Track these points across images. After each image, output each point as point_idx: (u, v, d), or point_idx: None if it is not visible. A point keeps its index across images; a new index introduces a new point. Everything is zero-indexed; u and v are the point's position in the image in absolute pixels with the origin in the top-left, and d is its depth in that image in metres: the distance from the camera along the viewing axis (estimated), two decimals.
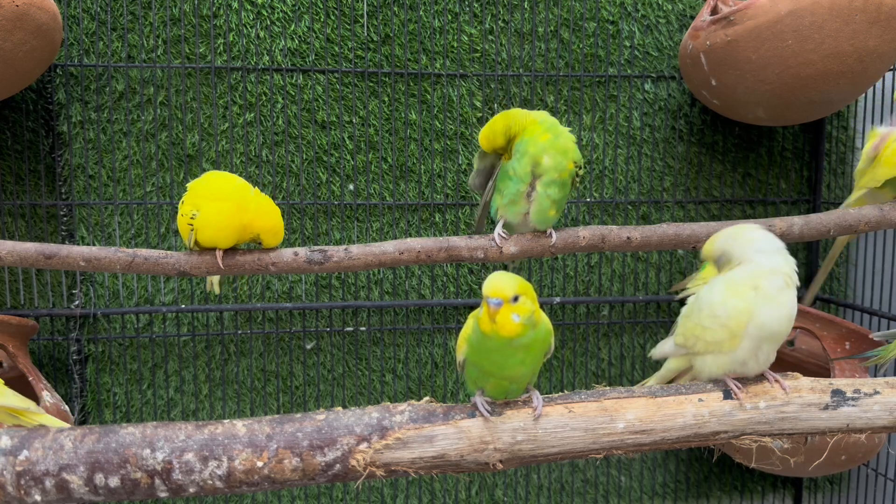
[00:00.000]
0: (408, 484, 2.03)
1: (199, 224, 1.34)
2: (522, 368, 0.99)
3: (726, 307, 1.02)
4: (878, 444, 1.71)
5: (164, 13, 1.83)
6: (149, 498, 0.97)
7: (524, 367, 0.99)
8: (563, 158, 1.35)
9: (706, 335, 1.05)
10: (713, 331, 1.03)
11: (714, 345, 1.04)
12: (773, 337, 1.02)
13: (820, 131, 2.08)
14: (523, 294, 0.94)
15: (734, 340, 1.01)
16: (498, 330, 0.94)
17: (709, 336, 1.04)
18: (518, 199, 1.38)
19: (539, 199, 1.37)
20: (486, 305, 0.94)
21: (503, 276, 0.95)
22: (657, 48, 2.01)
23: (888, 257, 1.98)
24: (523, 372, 1.00)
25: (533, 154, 1.35)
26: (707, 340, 1.05)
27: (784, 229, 1.50)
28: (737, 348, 1.02)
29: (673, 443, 1.03)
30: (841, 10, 1.57)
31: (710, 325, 1.04)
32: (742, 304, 1.01)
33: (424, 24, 1.92)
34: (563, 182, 1.37)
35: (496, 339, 0.95)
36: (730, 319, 1.01)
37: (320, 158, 1.92)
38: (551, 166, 1.35)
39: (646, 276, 2.07)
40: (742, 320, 1.00)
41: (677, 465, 2.14)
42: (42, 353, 1.89)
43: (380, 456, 0.98)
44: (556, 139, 1.35)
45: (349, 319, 1.98)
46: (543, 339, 0.99)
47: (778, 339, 1.03)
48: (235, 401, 1.95)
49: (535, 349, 0.99)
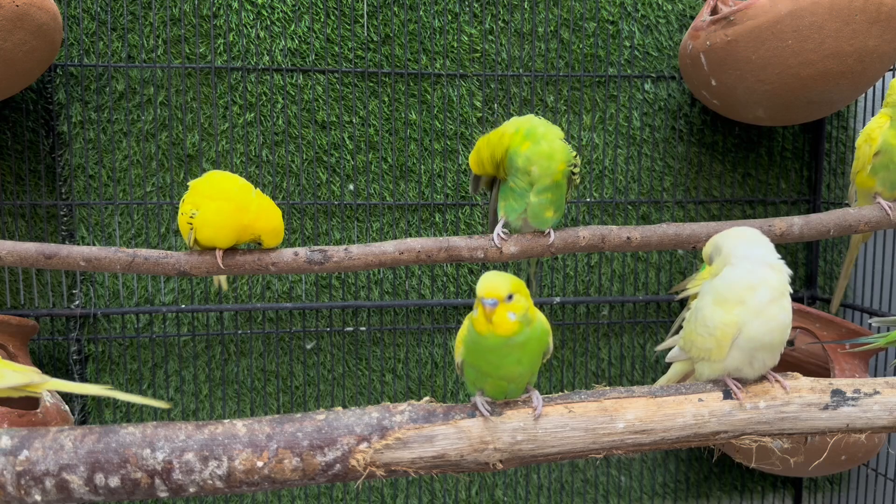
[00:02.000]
0: (408, 484, 2.03)
1: (198, 223, 1.34)
2: (519, 368, 0.99)
3: (714, 318, 1.02)
4: (878, 444, 1.71)
5: (164, 13, 1.83)
6: (149, 498, 0.97)
7: (521, 366, 0.99)
8: (549, 162, 1.34)
9: (698, 342, 1.06)
10: (703, 339, 1.04)
11: (705, 352, 1.05)
12: (767, 347, 1.01)
13: (820, 131, 2.08)
14: (517, 292, 0.95)
15: (721, 350, 1.02)
16: (495, 329, 0.94)
17: (700, 343, 1.05)
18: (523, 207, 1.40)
19: (532, 206, 1.38)
20: (480, 306, 0.94)
21: (496, 276, 0.95)
22: (657, 48, 2.01)
23: (888, 257, 1.98)
24: (521, 371, 1.00)
25: (522, 167, 1.35)
26: (699, 347, 1.06)
27: (784, 229, 1.50)
28: (725, 357, 1.02)
29: (673, 443, 1.03)
30: (841, 10, 1.57)
31: (701, 332, 1.05)
32: (727, 317, 1.00)
33: (424, 24, 1.92)
34: (556, 184, 1.37)
35: (492, 339, 0.96)
36: (716, 330, 1.01)
37: (320, 158, 1.92)
38: (539, 174, 1.35)
39: (646, 276, 2.07)
40: (727, 332, 1.00)
41: (677, 465, 2.14)
42: (42, 353, 1.89)
43: (380, 456, 0.98)
44: (538, 145, 1.34)
45: (349, 319, 1.98)
46: (540, 338, 0.99)
47: (773, 347, 1.02)
48: (235, 401, 1.95)
49: (532, 347, 0.99)
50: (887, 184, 1.54)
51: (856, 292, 2.13)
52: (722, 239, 1.10)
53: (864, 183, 1.58)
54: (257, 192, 1.38)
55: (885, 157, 1.52)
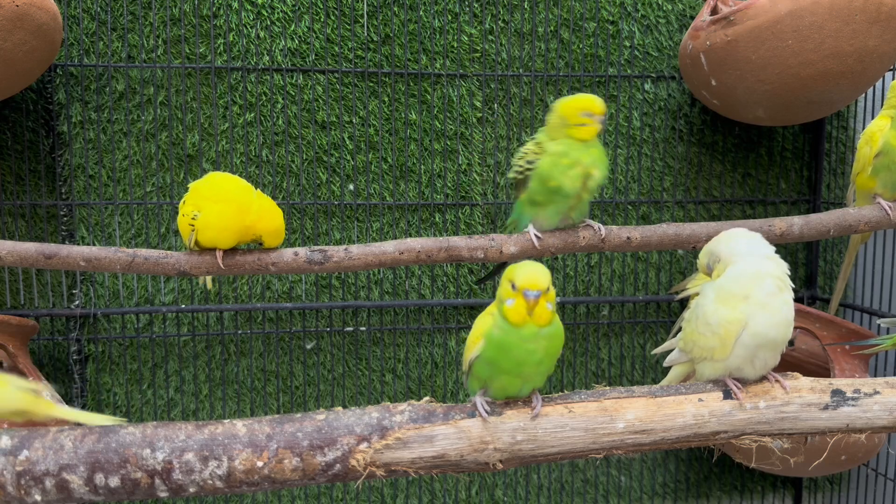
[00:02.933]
0: (408, 484, 2.03)
1: (200, 225, 1.33)
2: (540, 367, 1.00)
3: (717, 316, 1.01)
4: (878, 444, 1.71)
5: (164, 13, 1.83)
6: (149, 498, 0.97)
7: (542, 365, 0.99)
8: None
9: (700, 341, 1.05)
10: (706, 338, 1.04)
11: (708, 351, 1.04)
12: (770, 344, 1.01)
13: (820, 131, 2.08)
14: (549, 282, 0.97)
15: (725, 349, 1.01)
16: (535, 320, 0.95)
17: (702, 342, 1.05)
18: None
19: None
20: (520, 297, 0.95)
21: (536, 267, 0.96)
22: (657, 48, 2.01)
23: (888, 257, 1.98)
24: (540, 371, 1.00)
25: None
26: (701, 346, 1.05)
27: (784, 229, 1.50)
28: (728, 356, 1.02)
29: (673, 443, 1.03)
30: (841, 10, 1.57)
31: (703, 331, 1.04)
32: (732, 314, 1.00)
33: (424, 24, 1.92)
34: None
35: (528, 330, 0.96)
36: (720, 328, 1.01)
37: (320, 158, 1.92)
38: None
39: (646, 276, 2.07)
40: (732, 329, 1.00)
41: (677, 465, 2.14)
42: (42, 353, 1.89)
43: (380, 456, 0.98)
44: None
45: (349, 319, 1.98)
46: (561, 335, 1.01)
47: (776, 345, 1.01)
48: (235, 401, 1.95)
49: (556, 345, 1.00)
50: (888, 185, 1.54)
51: (856, 292, 2.13)
52: (716, 244, 1.09)
53: (864, 184, 1.58)
54: (258, 193, 1.38)
55: (886, 158, 1.52)
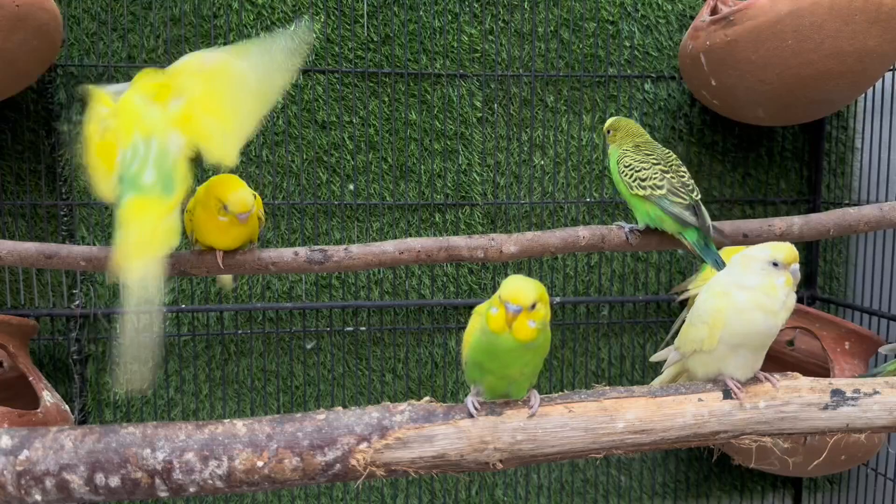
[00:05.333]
0: (408, 484, 2.03)
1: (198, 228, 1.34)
2: (525, 369, 0.99)
3: (706, 305, 1.05)
4: (878, 444, 1.71)
5: (164, 13, 1.83)
6: (149, 498, 0.97)
7: (527, 367, 0.99)
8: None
9: (691, 334, 1.07)
10: (697, 329, 1.06)
11: (697, 343, 1.05)
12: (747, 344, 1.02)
13: (820, 131, 2.08)
14: (540, 300, 0.93)
15: (713, 339, 1.03)
16: (514, 334, 0.93)
17: (692, 335, 1.07)
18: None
19: None
20: (502, 308, 0.92)
21: (524, 282, 0.93)
22: (657, 48, 2.01)
23: (888, 257, 1.98)
24: (524, 373, 0.99)
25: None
26: (692, 339, 1.07)
27: (784, 229, 1.50)
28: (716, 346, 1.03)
29: (673, 443, 1.03)
30: (841, 10, 1.57)
31: (695, 323, 1.07)
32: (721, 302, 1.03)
33: (424, 24, 1.92)
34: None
35: (506, 341, 0.94)
36: (708, 316, 1.04)
37: (320, 158, 1.92)
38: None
39: (646, 276, 2.07)
40: (719, 318, 1.02)
41: (677, 464, 2.14)
42: (42, 353, 1.89)
43: (380, 455, 0.98)
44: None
45: (349, 319, 1.98)
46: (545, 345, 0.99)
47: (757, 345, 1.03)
48: (235, 401, 1.95)
49: (539, 353, 0.99)
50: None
51: (856, 292, 2.13)
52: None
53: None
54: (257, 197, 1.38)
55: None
